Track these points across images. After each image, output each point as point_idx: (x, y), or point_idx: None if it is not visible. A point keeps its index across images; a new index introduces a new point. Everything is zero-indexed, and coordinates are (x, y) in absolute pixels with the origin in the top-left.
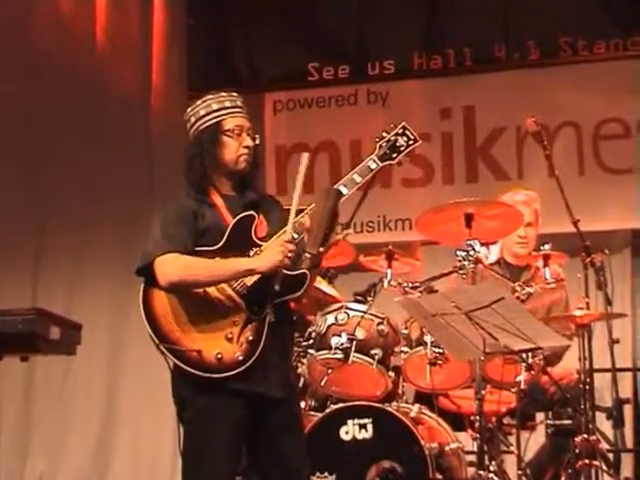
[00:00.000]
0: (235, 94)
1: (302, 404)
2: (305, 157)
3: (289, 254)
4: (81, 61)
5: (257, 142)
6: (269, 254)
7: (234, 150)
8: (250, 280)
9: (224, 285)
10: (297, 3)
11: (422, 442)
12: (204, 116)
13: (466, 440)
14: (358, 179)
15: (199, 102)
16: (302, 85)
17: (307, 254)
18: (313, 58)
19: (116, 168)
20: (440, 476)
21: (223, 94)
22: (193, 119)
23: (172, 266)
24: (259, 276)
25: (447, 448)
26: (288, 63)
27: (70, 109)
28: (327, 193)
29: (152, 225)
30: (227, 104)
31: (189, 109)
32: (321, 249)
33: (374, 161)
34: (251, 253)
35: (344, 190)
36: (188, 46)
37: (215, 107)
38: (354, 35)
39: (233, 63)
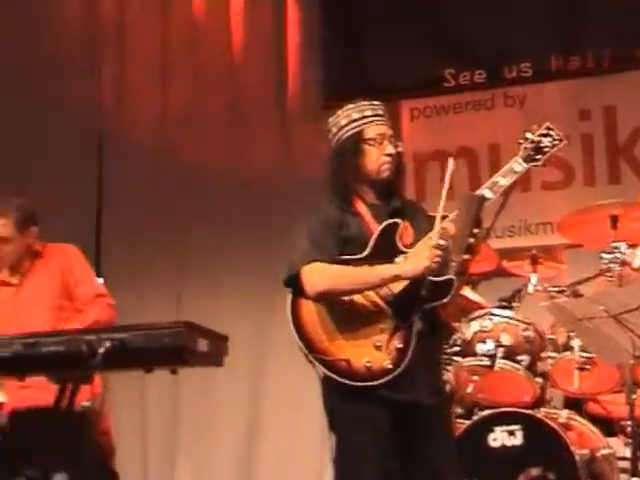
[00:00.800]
0: (376, 102)
1: None
2: (451, 162)
3: (435, 259)
4: (218, 72)
5: (399, 150)
6: (415, 259)
7: (375, 159)
8: (397, 287)
9: (371, 292)
10: (431, 9)
11: (572, 448)
12: (345, 125)
13: (617, 446)
14: (502, 182)
15: (340, 112)
16: (438, 91)
17: (452, 262)
18: (449, 64)
19: (253, 176)
20: None
21: (364, 103)
22: (335, 129)
23: (319, 275)
24: (406, 283)
25: (598, 454)
26: (424, 70)
27: (208, 117)
28: (470, 199)
29: (297, 234)
30: (368, 113)
31: (331, 119)
32: (465, 256)
33: (519, 163)
34: (397, 260)
35: (488, 194)
36: (323, 56)
37: (356, 116)
38: (490, 39)
39: (368, 71)
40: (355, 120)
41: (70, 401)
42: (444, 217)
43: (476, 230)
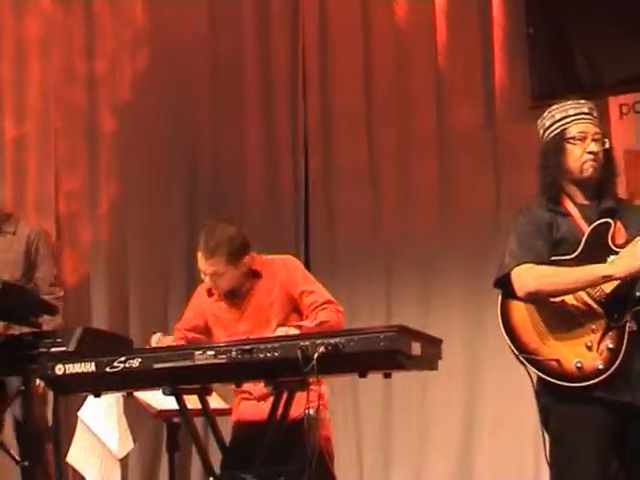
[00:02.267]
0: (583, 101)
1: None
2: None
3: None
4: (422, 73)
5: (607, 147)
6: (627, 259)
7: (578, 157)
8: (608, 287)
9: (582, 293)
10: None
11: None
12: (549, 127)
13: None
14: None
15: (546, 114)
16: None
17: None
18: None
19: (464, 180)
20: None
21: (568, 102)
22: (541, 130)
23: (528, 276)
24: (618, 283)
25: None
26: (632, 64)
27: (412, 118)
28: None
29: (508, 237)
30: (570, 112)
31: (539, 121)
32: None
33: None
34: (608, 261)
35: None
36: (529, 55)
37: (559, 116)
38: None
39: (575, 69)
40: (558, 120)
41: (286, 407)
42: None
43: None
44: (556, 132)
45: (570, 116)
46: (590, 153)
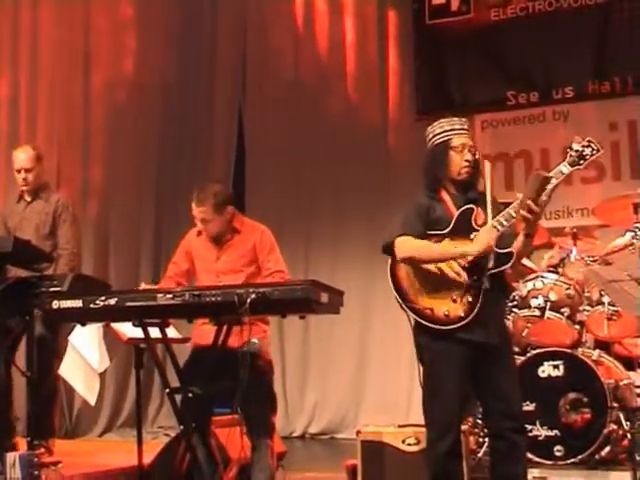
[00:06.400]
0: (464, 119)
1: None
2: (487, 165)
3: (491, 242)
4: (337, 96)
5: (477, 157)
6: (479, 241)
7: (457, 163)
8: (471, 257)
9: (452, 261)
10: (499, 47)
11: (602, 379)
12: (438, 134)
13: (636, 377)
14: (553, 180)
15: (436, 123)
16: (502, 108)
17: (522, 212)
18: (511, 87)
19: (359, 173)
20: (616, 404)
21: (454, 118)
22: (430, 135)
23: (406, 245)
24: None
25: (621, 383)
26: (492, 92)
27: (327, 125)
28: (536, 177)
29: (395, 215)
30: (456, 126)
31: (428, 128)
32: (523, 213)
33: (565, 167)
34: (471, 236)
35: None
36: (416, 81)
37: (447, 128)
38: (542, 69)
39: (450, 92)
40: (445, 131)
41: (225, 338)
42: (506, 204)
43: (537, 196)
44: (443, 140)
45: (455, 129)
46: (466, 161)
